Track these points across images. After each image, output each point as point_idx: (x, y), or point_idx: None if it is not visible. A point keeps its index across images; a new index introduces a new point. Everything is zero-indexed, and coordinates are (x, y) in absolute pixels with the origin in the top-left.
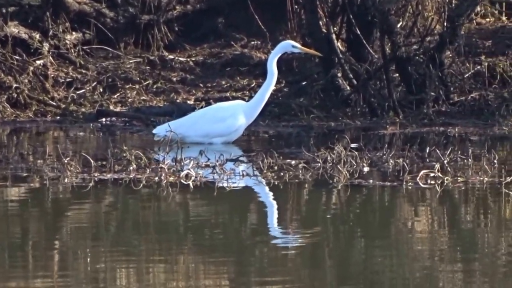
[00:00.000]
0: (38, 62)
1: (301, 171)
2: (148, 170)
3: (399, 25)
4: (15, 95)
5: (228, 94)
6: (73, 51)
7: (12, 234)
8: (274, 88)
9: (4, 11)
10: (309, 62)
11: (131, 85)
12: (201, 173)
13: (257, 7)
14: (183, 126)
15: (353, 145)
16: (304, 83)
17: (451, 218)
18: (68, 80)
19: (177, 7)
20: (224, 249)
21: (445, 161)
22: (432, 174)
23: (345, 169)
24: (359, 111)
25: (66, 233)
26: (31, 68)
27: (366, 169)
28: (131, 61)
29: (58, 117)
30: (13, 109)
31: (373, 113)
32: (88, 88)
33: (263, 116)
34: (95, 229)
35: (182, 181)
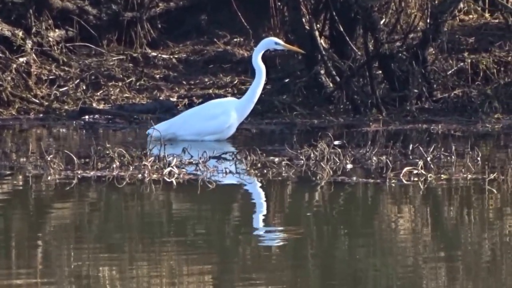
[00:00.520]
0: (21, 60)
1: (284, 169)
2: (131, 168)
3: (382, 22)
4: None
5: (211, 91)
6: (56, 49)
7: None
8: None
9: None
10: (292, 59)
11: (114, 83)
12: (184, 170)
13: (240, 4)
14: (175, 125)
15: (336, 142)
16: (287, 80)
17: (434, 215)
18: (51, 77)
19: (160, 4)
20: (208, 246)
21: (428, 158)
22: (415, 171)
23: (328, 166)
24: (342, 108)
25: (49, 230)
26: (14, 66)
27: (349, 166)
28: (114, 58)
29: (41, 114)
30: None
31: (356, 110)
32: (71, 86)
33: None
34: (78, 226)
35: (166, 178)
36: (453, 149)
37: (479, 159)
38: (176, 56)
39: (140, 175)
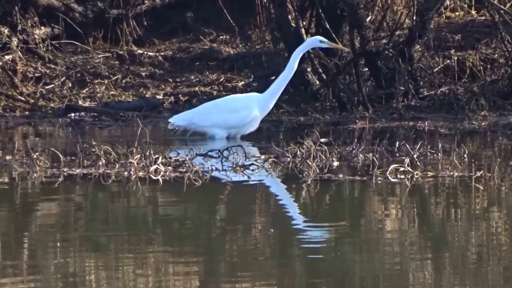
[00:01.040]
0: (7, 57)
1: (270, 166)
2: (118, 165)
3: (368, 19)
4: None
5: (197, 89)
6: (42, 46)
7: None
8: (243, 83)
9: None
10: (278, 57)
11: (100, 80)
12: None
13: (225, 1)
14: (197, 115)
15: (322, 139)
16: (274, 77)
17: (420, 212)
18: (37, 75)
19: (145, 1)
20: (194, 244)
21: (415, 156)
22: (401, 169)
23: (314, 164)
24: (328, 105)
25: (35, 228)
26: (0, 63)
27: (335, 163)
28: (100, 56)
29: (27, 112)
30: None
31: (342, 107)
32: (57, 83)
33: None
34: (64, 224)
35: (152, 176)
36: (439, 146)
37: (465, 156)
38: (162, 54)
39: (126, 173)
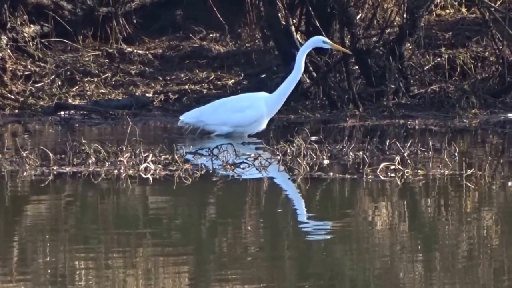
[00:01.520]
0: None
1: (260, 164)
2: (107, 164)
3: (358, 17)
4: None
5: (187, 87)
6: (31, 44)
7: None
8: (233, 81)
9: None
10: (268, 55)
11: (90, 78)
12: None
13: None
14: (205, 114)
15: (313, 137)
16: (264, 76)
17: (411, 211)
18: (26, 73)
19: None
20: (183, 243)
21: (405, 154)
22: (392, 167)
23: (304, 162)
24: (318, 103)
25: (25, 227)
26: None
27: (326, 162)
28: (89, 54)
29: (17, 110)
30: None
31: (332, 105)
32: (47, 81)
33: None
34: (54, 223)
35: (142, 174)
36: (430, 144)
37: (456, 154)
38: (152, 52)
39: (116, 171)
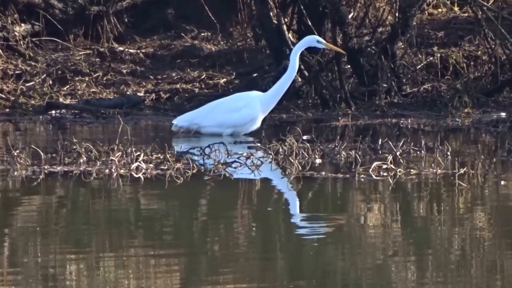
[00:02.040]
0: None
1: (252, 164)
2: (99, 163)
3: (350, 16)
4: None
5: (178, 86)
6: (22, 43)
7: None
8: (225, 80)
9: None
10: (260, 54)
11: (81, 77)
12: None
13: None
14: (199, 116)
15: (305, 137)
16: (255, 75)
17: (403, 210)
18: (17, 72)
19: None
20: (175, 242)
21: (398, 153)
22: (384, 166)
23: (297, 161)
24: (310, 102)
25: (16, 226)
26: None
27: (318, 161)
28: (80, 53)
29: (8, 109)
30: None
31: (325, 104)
32: (38, 81)
33: None
34: (45, 222)
35: (133, 173)
36: (422, 143)
37: (448, 153)
38: (143, 51)
39: (107, 170)
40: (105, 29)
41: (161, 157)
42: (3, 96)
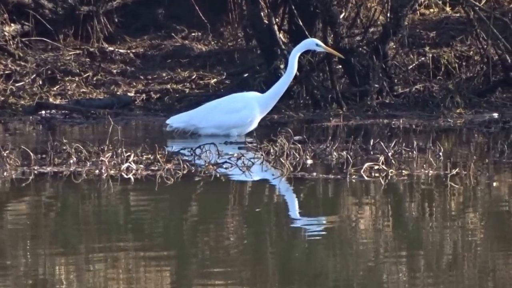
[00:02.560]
0: None
1: (243, 164)
2: (89, 163)
3: (341, 16)
4: None
5: (168, 86)
6: (11, 43)
7: None
8: (215, 80)
9: None
10: (250, 54)
11: (71, 77)
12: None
13: None
14: (197, 117)
15: (296, 137)
16: (246, 75)
17: (395, 211)
18: (7, 72)
19: None
20: (165, 243)
21: (390, 154)
22: (376, 167)
23: (288, 162)
24: (302, 103)
25: (5, 227)
26: None
27: (309, 161)
28: (70, 53)
29: None
30: None
31: (316, 105)
32: (27, 81)
33: None
34: (34, 223)
35: (123, 174)
36: (414, 144)
37: (441, 154)
38: (134, 51)
39: (97, 171)
40: (95, 29)
41: (151, 157)
42: None
